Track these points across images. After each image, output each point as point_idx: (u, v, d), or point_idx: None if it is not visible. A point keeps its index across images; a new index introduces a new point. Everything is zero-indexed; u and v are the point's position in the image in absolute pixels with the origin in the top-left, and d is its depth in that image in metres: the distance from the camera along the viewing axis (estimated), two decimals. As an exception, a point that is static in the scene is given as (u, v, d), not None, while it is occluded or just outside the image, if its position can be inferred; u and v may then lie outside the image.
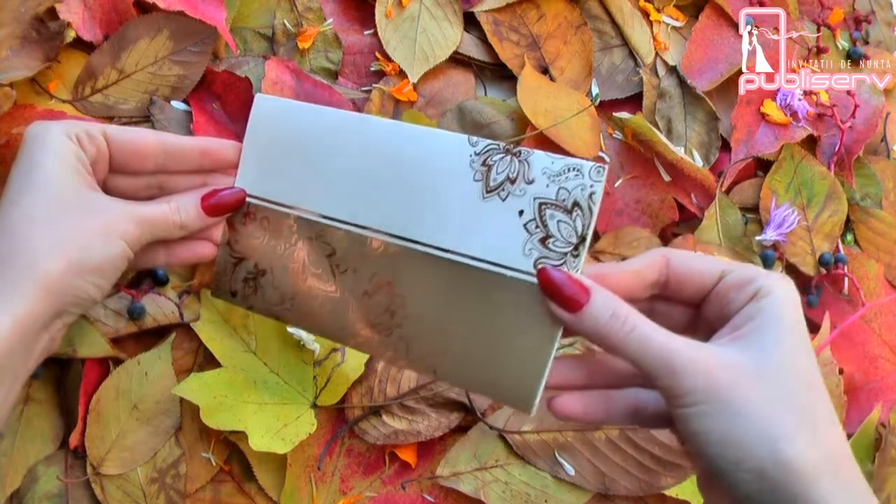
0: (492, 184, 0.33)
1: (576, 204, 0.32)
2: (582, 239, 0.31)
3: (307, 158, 0.37)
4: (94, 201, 0.32)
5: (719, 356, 0.28)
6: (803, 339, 0.29)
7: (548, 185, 0.32)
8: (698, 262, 0.31)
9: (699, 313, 0.32)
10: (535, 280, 0.31)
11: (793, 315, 0.29)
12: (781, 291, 0.29)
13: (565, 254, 0.31)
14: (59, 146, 0.31)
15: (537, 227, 0.32)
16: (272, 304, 0.37)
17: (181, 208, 0.34)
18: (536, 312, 0.31)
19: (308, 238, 0.36)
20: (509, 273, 0.32)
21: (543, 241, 0.32)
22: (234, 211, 0.37)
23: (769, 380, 0.27)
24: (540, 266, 0.31)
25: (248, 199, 0.37)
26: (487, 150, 0.34)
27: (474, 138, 0.34)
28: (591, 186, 0.31)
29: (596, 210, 0.31)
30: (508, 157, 0.33)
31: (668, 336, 0.28)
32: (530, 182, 0.33)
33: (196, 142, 0.36)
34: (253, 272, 0.38)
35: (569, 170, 0.32)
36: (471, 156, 0.34)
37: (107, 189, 0.35)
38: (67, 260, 0.30)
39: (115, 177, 0.35)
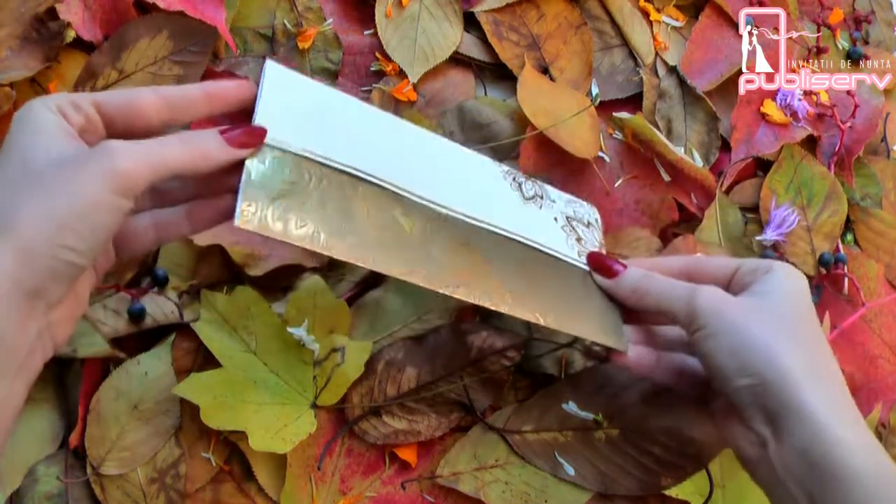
0: (526, 196, 0.41)
1: (589, 223, 0.43)
2: (602, 244, 0.43)
3: (335, 125, 0.35)
4: (74, 153, 0.27)
5: (728, 295, 0.35)
6: (802, 301, 0.35)
7: (566, 206, 0.43)
8: (718, 258, 0.40)
9: None
10: (583, 267, 0.41)
11: (794, 287, 0.35)
12: (786, 269, 0.36)
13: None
14: (38, 120, 0.28)
15: (571, 231, 0.42)
16: (334, 234, 0.32)
17: (198, 138, 0.30)
18: (594, 286, 0.40)
19: (369, 191, 0.34)
20: (566, 259, 0.40)
21: (578, 240, 0.41)
22: (256, 146, 0.31)
23: (767, 313, 0.34)
24: (588, 252, 0.41)
25: (282, 145, 0.33)
26: (511, 173, 0.41)
27: (497, 162, 0.42)
28: (594, 213, 0.44)
29: (602, 226, 0.44)
30: (531, 181, 0.42)
31: (683, 282, 0.37)
32: (553, 201, 0.42)
33: (200, 86, 0.32)
34: (301, 208, 0.32)
35: (573, 201, 0.44)
36: (502, 172, 0.41)
37: None
38: (30, 221, 0.25)
39: None
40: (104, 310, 0.42)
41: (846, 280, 0.53)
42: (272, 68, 0.35)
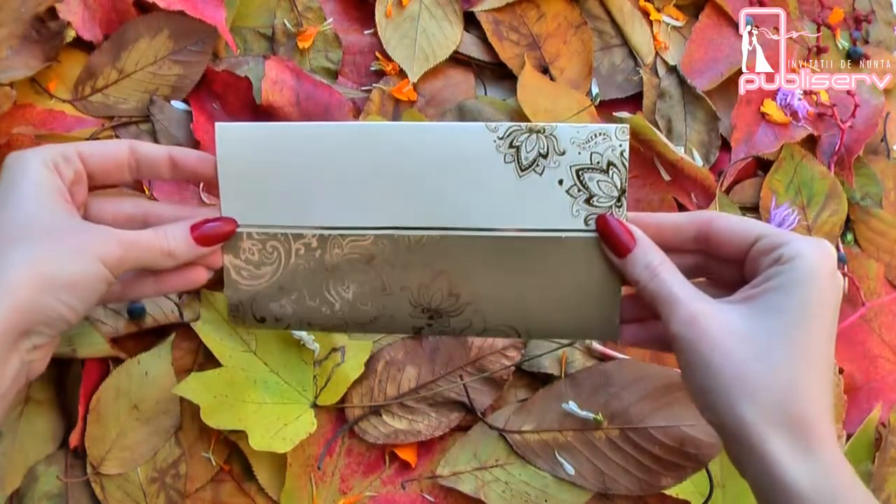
0: (525, 162, 0.36)
1: (610, 163, 0.35)
2: (623, 191, 0.35)
3: (299, 177, 0.35)
4: (71, 223, 0.31)
5: (716, 312, 0.30)
6: (813, 309, 0.29)
7: (580, 153, 0.35)
8: (738, 225, 0.32)
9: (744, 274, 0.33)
10: (587, 235, 0.35)
11: (810, 284, 0.29)
12: (806, 259, 0.29)
13: (610, 206, 0.35)
14: (36, 175, 0.31)
15: (579, 190, 0.35)
16: (315, 319, 0.36)
17: (169, 235, 0.33)
18: (596, 258, 0.35)
19: (336, 251, 0.36)
20: (563, 234, 0.35)
21: (588, 200, 0.35)
22: (225, 241, 0.35)
23: (752, 341, 0.29)
24: (597, 216, 0.35)
25: (248, 228, 0.35)
26: (510, 133, 0.36)
27: (492, 124, 0.36)
28: (620, 145, 0.35)
29: (628, 164, 0.35)
30: (534, 136, 0.36)
31: (682, 287, 0.31)
32: (562, 153, 0.36)
33: (167, 150, 0.34)
34: (279, 295, 0.36)
35: (596, 135, 0.35)
36: (494, 141, 0.36)
37: (89, 218, 0.34)
38: (36, 274, 0.28)
39: (97, 203, 0.34)
40: (104, 309, 0.42)
41: (846, 280, 0.53)
42: (221, 130, 0.35)
